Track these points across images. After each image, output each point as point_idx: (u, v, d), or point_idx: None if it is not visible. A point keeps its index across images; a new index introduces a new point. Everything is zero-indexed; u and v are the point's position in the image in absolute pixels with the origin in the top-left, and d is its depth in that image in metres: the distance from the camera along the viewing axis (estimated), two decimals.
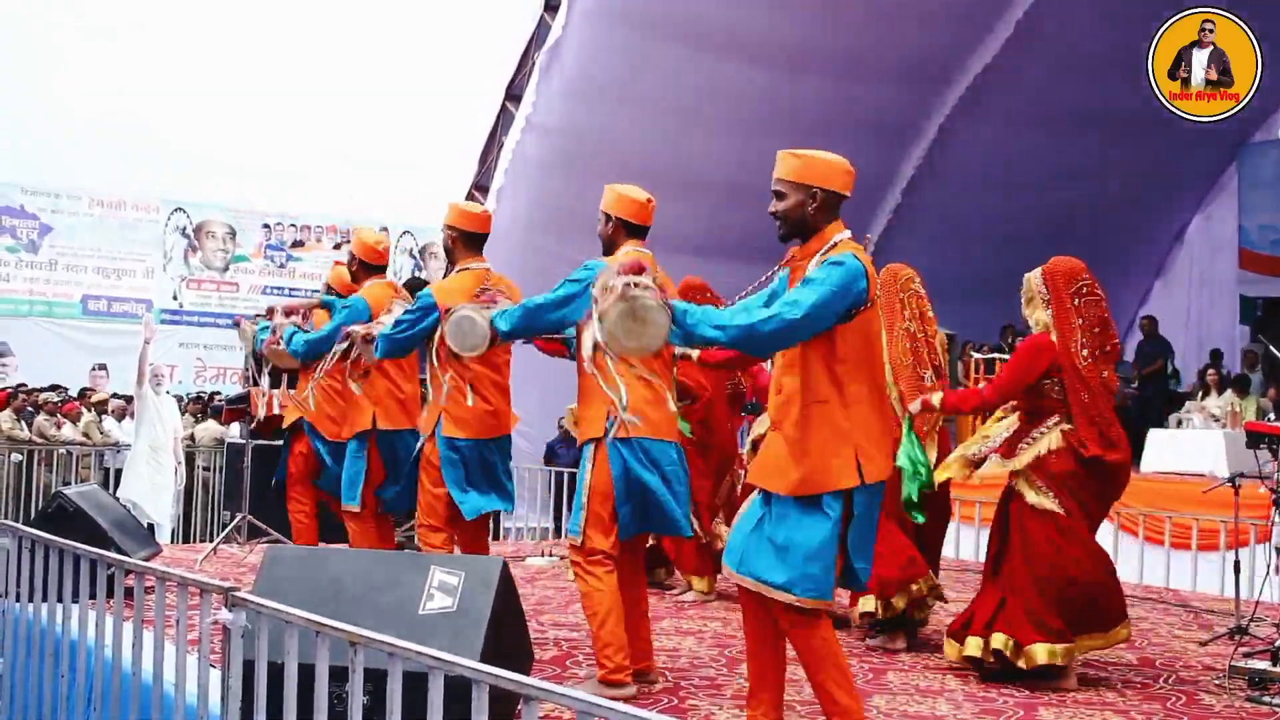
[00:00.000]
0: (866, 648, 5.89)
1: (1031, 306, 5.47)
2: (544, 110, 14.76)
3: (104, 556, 4.59)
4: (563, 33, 14.21)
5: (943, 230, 16.81)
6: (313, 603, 3.70)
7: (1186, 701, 5.07)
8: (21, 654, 5.09)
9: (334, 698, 3.36)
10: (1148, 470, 11.88)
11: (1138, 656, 6.00)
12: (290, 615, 3.34)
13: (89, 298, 22.93)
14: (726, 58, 14.50)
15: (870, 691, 5.01)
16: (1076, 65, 14.94)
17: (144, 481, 10.55)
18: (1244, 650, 5.77)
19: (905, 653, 5.81)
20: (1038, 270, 5.48)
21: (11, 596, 5.25)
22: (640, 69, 14.44)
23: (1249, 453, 6.52)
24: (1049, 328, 5.36)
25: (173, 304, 23.73)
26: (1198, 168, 18.06)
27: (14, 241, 22.36)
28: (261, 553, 7.10)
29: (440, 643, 3.38)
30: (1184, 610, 7.57)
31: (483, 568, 4.12)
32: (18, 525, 5.42)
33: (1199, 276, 18.89)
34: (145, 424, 10.59)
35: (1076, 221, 17.00)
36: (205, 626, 3.70)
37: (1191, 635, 6.66)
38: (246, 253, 24.67)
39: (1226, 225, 18.37)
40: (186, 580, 3.89)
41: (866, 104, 15.27)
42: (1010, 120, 15.97)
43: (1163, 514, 9.31)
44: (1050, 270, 5.43)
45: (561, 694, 2.59)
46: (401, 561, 4.38)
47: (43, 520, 6.57)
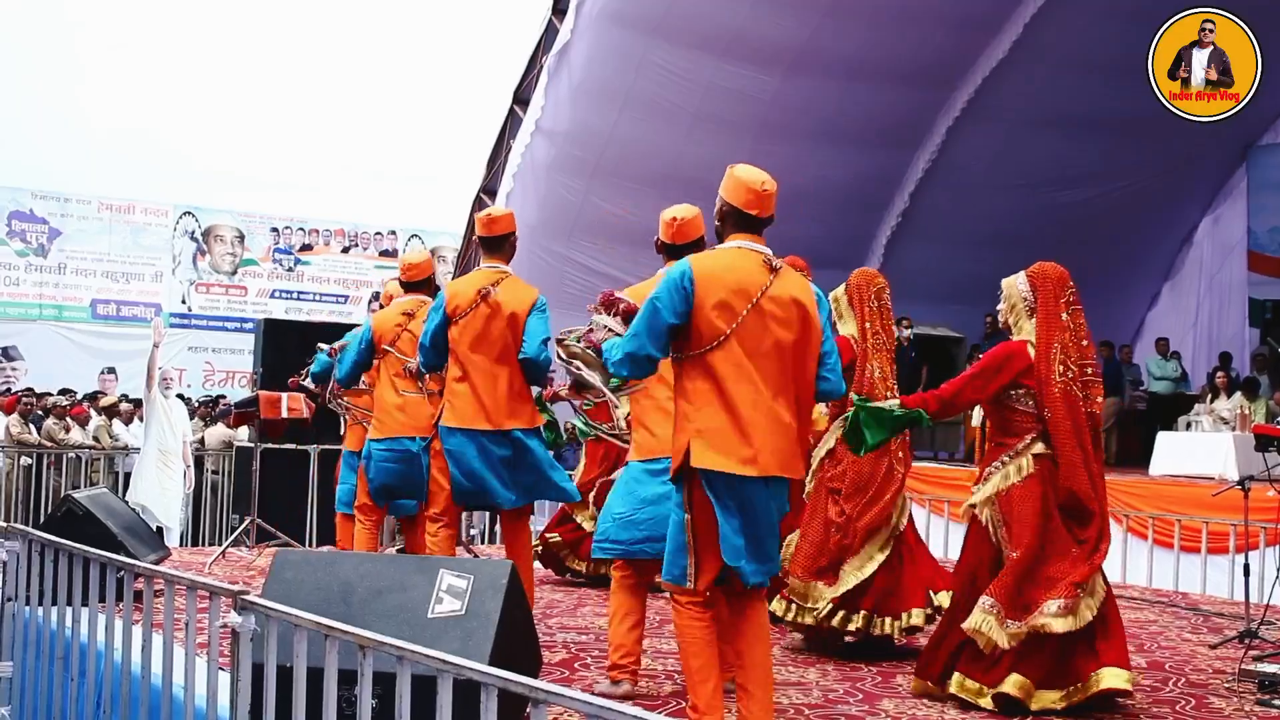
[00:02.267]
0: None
1: (1015, 315, 4.97)
2: (552, 114, 14.77)
3: (113, 560, 4.61)
4: (570, 37, 14.22)
5: (950, 233, 16.79)
6: (322, 606, 3.70)
7: (1196, 705, 5.06)
8: (31, 657, 5.10)
9: (343, 701, 3.36)
10: (1157, 473, 11.87)
11: (1147, 660, 5.98)
12: (299, 619, 3.35)
13: (98, 301, 22.99)
14: (734, 61, 14.50)
15: (879, 695, 5.01)
16: (1084, 68, 14.92)
17: (153, 485, 10.56)
18: (1254, 653, 5.76)
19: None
20: (1021, 274, 5.00)
21: (21, 600, 5.26)
22: (648, 73, 14.44)
23: (1258, 455, 6.52)
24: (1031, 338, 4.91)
25: (181, 308, 23.80)
26: (1206, 170, 18.02)
27: (24, 245, 22.43)
28: (270, 556, 7.11)
29: (449, 646, 3.39)
30: (1193, 614, 7.55)
31: (491, 571, 4.12)
32: (27, 529, 5.44)
33: (1208, 279, 18.84)
34: (154, 428, 10.60)
35: (1085, 224, 16.97)
36: (214, 630, 3.71)
37: (1201, 639, 6.64)
38: (255, 257, 24.72)
39: (1235, 228, 18.32)
40: (196, 584, 3.90)
41: (874, 107, 15.26)
42: (1018, 123, 15.95)
43: (1172, 517, 9.29)
44: (1039, 275, 4.96)
45: (570, 697, 2.60)
46: (410, 565, 4.38)
47: (52, 524, 6.59)
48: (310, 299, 25.05)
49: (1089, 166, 16.44)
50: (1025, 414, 4.88)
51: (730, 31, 14.19)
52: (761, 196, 4.17)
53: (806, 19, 14.19)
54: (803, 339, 4.08)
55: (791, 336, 4.06)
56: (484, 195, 15.85)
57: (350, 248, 25.71)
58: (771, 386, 4.02)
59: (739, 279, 4.05)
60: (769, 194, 4.18)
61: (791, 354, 4.06)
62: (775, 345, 4.04)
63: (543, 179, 15.03)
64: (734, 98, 14.70)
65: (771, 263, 4.13)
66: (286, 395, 9.11)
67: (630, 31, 14.29)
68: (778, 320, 4.04)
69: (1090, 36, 14.63)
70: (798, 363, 4.08)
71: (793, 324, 4.06)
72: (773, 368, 4.03)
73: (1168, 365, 16.24)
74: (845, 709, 4.80)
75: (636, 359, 4.09)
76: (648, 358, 4.08)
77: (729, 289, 4.03)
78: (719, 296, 4.01)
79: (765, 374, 4.02)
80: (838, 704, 4.87)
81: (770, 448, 3.99)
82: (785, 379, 4.06)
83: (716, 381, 4.01)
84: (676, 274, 4.06)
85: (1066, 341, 4.84)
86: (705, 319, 4.01)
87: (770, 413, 4.01)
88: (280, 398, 9.13)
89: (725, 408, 4.00)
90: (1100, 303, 18.24)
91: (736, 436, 3.98)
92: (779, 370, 4.04)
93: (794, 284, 4.13)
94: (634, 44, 14.33)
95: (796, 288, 4.12)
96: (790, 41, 14.32)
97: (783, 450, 4.03)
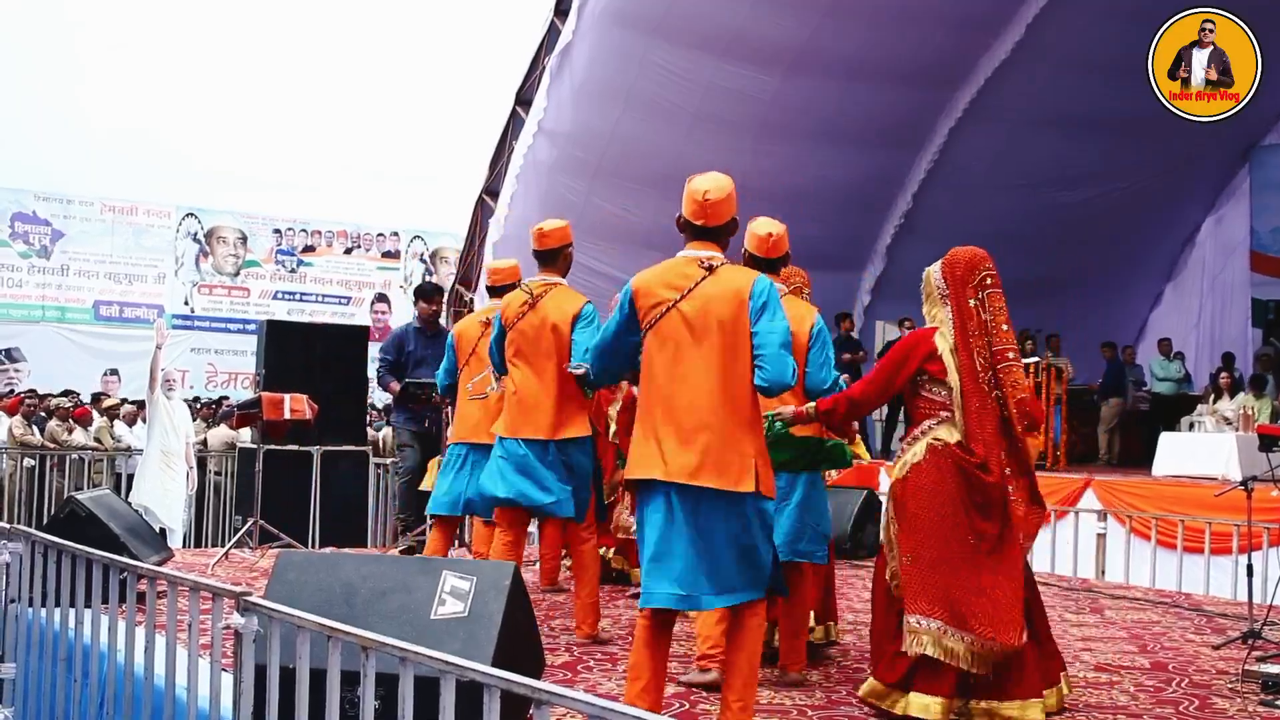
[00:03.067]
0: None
1: (930, 304, 4.81)
2: (554, 115, 14.76)
3: (116, 561, 4.61)
4: (573, 37, 14.21)
5: (953, 234, 16.57)
6: (325, 607, 3.70)
7: (1200, 706, 5.05)
8: (34, 659, 5.10)
9: (346, 702, 3.36)
10: (1160, 474, 11.86)
11: (1150, 661, 5.98)
12: (302, 620, 3.34)
13: (101, 303, 23.02)
14: (736, 61, 14.50)
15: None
16: (1086, 68, 14.92)
17: (156, 486, 10.55)
18: (1257, 654, 5.75)
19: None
20: (937, 264, 4.84)
21: (24, 601, 5.26)
22: (649, 73, 14.44)
23: (1261, 456, 6.51)
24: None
25: (184, 309, 23.83)
26: (1209, 170, 18.02)
27: (26, 247, 22.46)
28: (273, 557, 7.11)
29: (452, 647, 3.38)
30: (1197, 614, 7.54)
31: (494, 573, 4.11)
32: (30, 530, 5.43)
33: (1210, 279, 18.84)
34: (157, 429, 10.59)
35: (1087, 224, 16.98)
36: (217, 631, 3.71)
37: (1204, 639, 6.64)
38: (258, 258, 24.74)
39: (1238, 228, 18.32)
40: (199, 585, 3.90)
41: (875, 107, 15.26)
42: (1019, 123, 15.94)
43: (1175, 517, 9.29)
44: (949, 262, 4.78)
45: (573, 698, 2.60)
46: (413, 566, 4.38)
47: (55, 525, 6.59)
48: (313, 300, 25.08)
49: (1091, 167, 16.44)
50: (930, 400, 4.68)
51: (731, 31, 14.19)
52: (703, 206, 4.25)
53: (807, 19, 14.19)
54: (730, 337, 4.08)
55: (718, 337, 4.08)
56: (486, 196, 15.84)
57: (353, 249, 25.73)
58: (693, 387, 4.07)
59: (666, 283, 4.18)
60: (710, 203, 4.25)
61: (719, 353, 4.08)
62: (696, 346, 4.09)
63: (545, 179, 15.03)
64: (735, 98, 14.70)
65: (708, 264, 4.18)
66: (289, 396, 9.12)
67: (631, 32, 14.28)
68: (698, 320, 4.09)
69: (1091, 37, 14.63)
70: (727, 360, 4.08)
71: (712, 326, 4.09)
72: (698, 368, 4.08)
73: (1170, 366, 16.24)
74: (848, 710, 4.80)
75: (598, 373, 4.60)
76: (604, 369, 4.53)
77: (655, 295, 4.18)
78: (648, 303, 4.19)
79: (687, 375, 4.08)
80: (840, 705, 4.87)
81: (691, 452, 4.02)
82: (713, 378, 4.07)
83: (645, 387, 4.19)
84: (622, 291, 4.31)
85: (973, 327, 4.64)
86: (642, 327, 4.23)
87: (693, 415, 4.05)
88: (283, 399, 9.13)
89: (644, 414, 4.16)
90: (1102, 303, 18.31)
91: (654, 443, 4.07)
92: (704, 370, 4.07)
93: (730, 281, 4.14)
94: (635, 44, 14.33)
95: (731, 285, 4.13)
96: (791, 42, 14.32)
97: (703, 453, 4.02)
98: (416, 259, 25.90)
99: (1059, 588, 8.54)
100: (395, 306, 25.44)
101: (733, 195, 4.31)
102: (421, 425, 9.04)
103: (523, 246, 6.25)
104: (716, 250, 4.25)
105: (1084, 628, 6.91)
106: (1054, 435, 13.49)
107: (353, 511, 11.55)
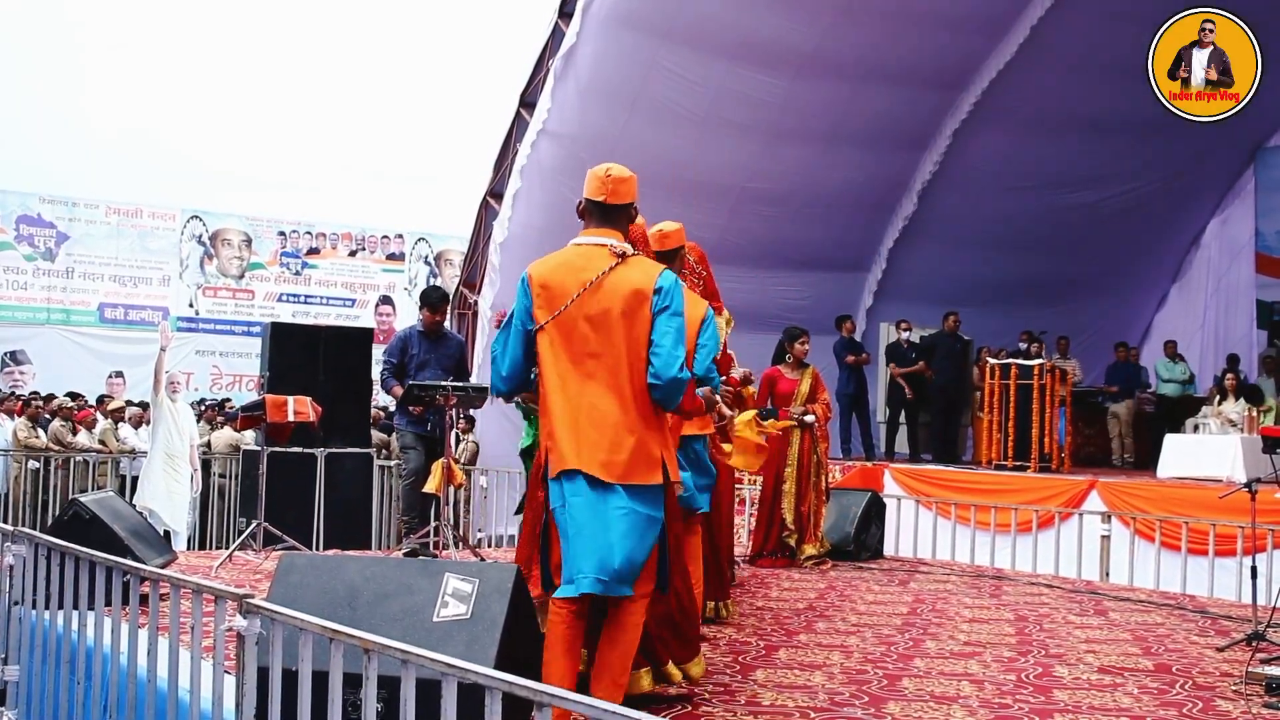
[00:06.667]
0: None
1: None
2: (558, 117, 14.77)
3: (120, 564, 4.61)
4: (577, 39, 14.22)
5: (958, 236, 16.78)
6: (327, 610, 3.70)
7: (1203, 708, 5.04)
8: (38, 661, 5.11)
9: (348, 705, 3.36)
10: (1165, 475, 11.85)
11: (1154, 663, 5.97)
12: (305, 622, 3.35)
13: (106, 305, 23.05)
14: (740, 64, 14.50)
15: (885, 698, 5.00)
16: (1092, 70, 14.92)
17: (160, 488, 10.57)
18: (1261, 656, 5.75)
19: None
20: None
21: (28, 603, 5.27)
22: (654, 75, 14.45)
23: (1265, 458, 6.50)
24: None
25: (189, 311, 23.86)
26: (1214, 172, 18.01)
27: (31, 249, 22.50)
28: (277, 559, 7.12)
29: (454, 650, 3.38)
30: (1201, 616, 7.53)
31: (496, 575, 4.12)
32: (34, 532, 5.44)
33: (1216, 281, 18.83)
34: (161, 431, 10.61)
35: (1092, 226, 16.98)
36: (220, 633, 3.71)
37: (1208, 641, 6.63)
38: (262, 260, 24.78)
39: (1243, 229, 18.32)
40: (202, 587, 3.90)
41: (881, 110, 15.26)
42: (1025, 125, 15.95)
43: (1179, 519, 9.28)
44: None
45: (575, 700, 2.60)
46: (415, 569, 4.38)
47: (59, 527, 6.60)
48: (318, 302, 25.11)
49: (1096, 168, 16.44)
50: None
51: (739, 34, 14.20)
52: (604, 182, 4.20)
53: (815, 22, 14.20)
54: (631, 329, 4.01)
55: (621, 328, 4.00)
56: (490, 198, 15.86)
57: (357, 251, 25.75)
58: (595, 380, 4.00)
59: (567, 273, 4.08)
60: (613, 178, 4.20)
61: (624, 344, 4.00)
62: (598, 337, 4.01)
63: (549, 181, 15.03)
64: (743, 101, 14.70)
65: (617, 250, 4.09)
66: (293, 399, 9.12)
67: (638, 34, 14.29)
68: (600, 312, 4.00)
69: (1097, 39, 14.63)
70: (631, 353, 4.01)
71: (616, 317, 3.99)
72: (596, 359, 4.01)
73: (1176, 367, 16.22)
74: (850, 711, 4.79)
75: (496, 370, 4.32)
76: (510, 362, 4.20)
77: (555, 285, 4.06)
78: (544, 294, 4.07)
79: (586, 367, 4.01)
80: (844, 706, 4.87)
81: (589, 445, 3.97)
82: (614, 371, 4.01)
83: (544, 379, 4.08)
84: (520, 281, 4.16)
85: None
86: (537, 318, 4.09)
87: (590, 409, 3.99)
88: (287, 401, 9.14)
89: (547, 405, 4.08)
90: (1108, 304, 18.31)
91: (556, 435, 4.03)
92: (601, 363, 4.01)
93: (639, 272, 4.07)
94: (642, 47, 14.33)
95: (639, 276, 4.06)
96: (799, 44, 14.32)
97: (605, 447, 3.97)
98: (421, 261, 25.93)
99: (1063, 589, 8.54)
100: (400, 309, 25.47)
101: (634, 182, 4.26)
102: (425, 428, 9.05)
103: (527, 248, 6.25)
104: (619, 238, 4.16)
105: (1088, 629, 6.90)
106: (1058, 437, 13.46)
107: (357, 514, 11.57)
